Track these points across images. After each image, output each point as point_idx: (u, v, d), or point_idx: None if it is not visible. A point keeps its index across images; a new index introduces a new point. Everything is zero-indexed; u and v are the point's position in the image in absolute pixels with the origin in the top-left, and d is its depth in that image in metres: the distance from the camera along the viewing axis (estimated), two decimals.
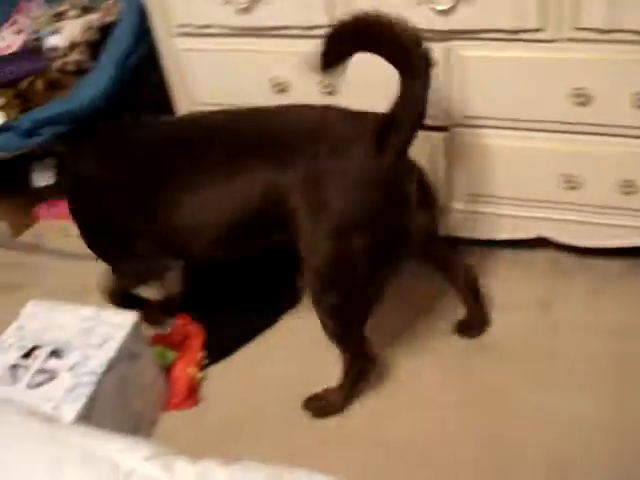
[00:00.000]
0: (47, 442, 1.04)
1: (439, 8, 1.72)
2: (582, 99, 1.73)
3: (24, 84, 2.36)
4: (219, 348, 2.05)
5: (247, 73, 2.04)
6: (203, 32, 2.02)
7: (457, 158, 1.97)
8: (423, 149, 1.96)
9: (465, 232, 2.13)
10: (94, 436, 1.07)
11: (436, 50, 1.77)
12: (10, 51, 2.62)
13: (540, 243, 2.12)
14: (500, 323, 1.99)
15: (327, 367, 1.89)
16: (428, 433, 1.75)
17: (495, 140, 1.91)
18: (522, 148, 1.89)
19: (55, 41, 2.37)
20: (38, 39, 2.49)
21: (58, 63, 2.35)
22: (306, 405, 1.87)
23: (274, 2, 1.88)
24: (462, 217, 2.09)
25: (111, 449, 1.01)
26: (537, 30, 1.68)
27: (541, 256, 2.18)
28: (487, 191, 2.01)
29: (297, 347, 2.05)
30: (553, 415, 1.73)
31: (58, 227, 2.59)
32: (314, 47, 1.70)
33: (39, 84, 2.35)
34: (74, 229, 2.10)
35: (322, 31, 1.84)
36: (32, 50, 2.50)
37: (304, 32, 1.88)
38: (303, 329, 2.05)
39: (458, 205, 2.08)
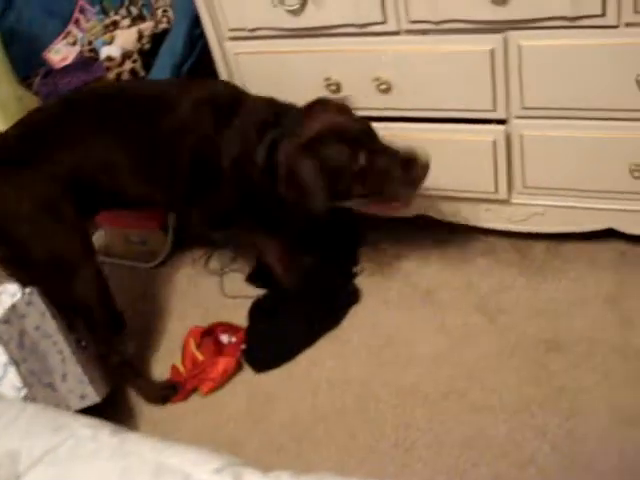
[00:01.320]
0: (117, 455, 1.04)
1: None
2: None
3: None
4: (280, 353, 2.06)
5: (300, 74, 2.03)
6: (254, 35, 2.02)
7: (518, 151, 1.92)
8: (482, 143, 1.93)
9: (529, 227, 2.08)
10: (164, 448, 1.07)
11: (493, 41, 1.75)
12: (65, 63, 2.67)
13: (604, 235, 2.05)
14: (569, 320, 1.93)
15: (383, 367, 1.89)
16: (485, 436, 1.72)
17: (558, 131, 1.85)
18: (587, 138, 1.83)
19: (109, 51, 2.40)
20: (93, 50, 2.52)
21: (113, 73, 2.37)
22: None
23: (325, 2, 1.86)
24: (525, 211, 2.04)
25: (182, 461, 1.01)
26: (599, 16, 1.63)
27: (606, 248, 2.10)
28: (552, 183, 1.95)
29: (351, 349, 2.04)
30: (628, 413, 1.67)
31: (121, 234, 2.61)
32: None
33: None
34: (135, 236, 2.12)
35: (375, 28, 1.84)
36: (87, 61, 2.54)
37: (358, 30, 1.85)
38: (357, 329, 2.07)
39: (520, 199, 2.03)
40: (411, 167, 1.65)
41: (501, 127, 1.90)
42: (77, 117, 1.91)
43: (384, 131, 1.99)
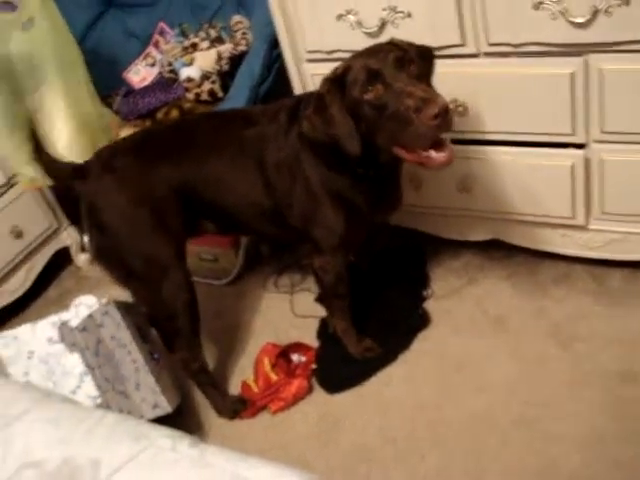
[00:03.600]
0: (197, 466, 1.05)
1: (577, 21, 1.65)
2: None
3: (160, 114, 2.47)
4: (352, 375, 2.06)
5: None
6: (332, 57, 2.03)
7: (597, 176, 1.89)
8: (560, 167, 1.90)
9: (606, 253, 2.04)
10: (240, 460, 1.07)
11: (574, 64, 1.73)
12: (145, 83, 2.75)
13: None
14: None
15: (453, 391, 1.88)
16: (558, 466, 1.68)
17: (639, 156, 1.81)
18: None
19: (188, 72, 2.46)
20: (172, 71, 2.59)
21: (192, 93, 2.43)
22: None
23: (402, 25, 1.88)
24: (603, 238, 2.00)
25: (258, 475, 1.01)
26: None
27: None
28: (632, 209, 1.91)
29: (421, 372, 2.02)
30: None
31: (193, 251, 2.64)
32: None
33: (174, 113, 2.44)
34: (206, 254, 2.13)
35: (453, 50, 1.85)
36: (166, 81, 2.60)
37: (436, 52, 1.85)
38: (427, 353, 2.06)
39: (598, 225, 1.99)
40: (426, 106, 1.51)
41: (580, 151, 1.87)
42: (190, 136, 1.95)
43: (459, 154, 1.99)
